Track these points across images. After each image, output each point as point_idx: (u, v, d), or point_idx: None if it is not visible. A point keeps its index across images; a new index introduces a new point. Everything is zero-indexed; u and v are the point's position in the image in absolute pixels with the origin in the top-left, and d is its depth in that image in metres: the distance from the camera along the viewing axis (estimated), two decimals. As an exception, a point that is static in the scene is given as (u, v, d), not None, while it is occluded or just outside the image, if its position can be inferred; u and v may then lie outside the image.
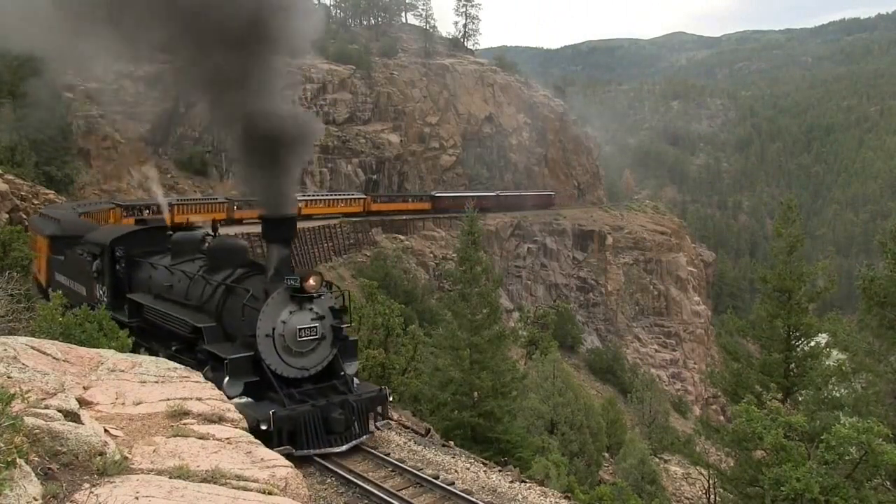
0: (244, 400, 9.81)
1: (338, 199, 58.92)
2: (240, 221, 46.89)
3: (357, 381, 11.33)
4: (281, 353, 10.19)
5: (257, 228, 16.46)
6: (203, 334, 10.82)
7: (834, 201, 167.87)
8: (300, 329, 10.29)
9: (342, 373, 10.99)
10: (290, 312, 10.27)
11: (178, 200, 44.79)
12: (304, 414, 9.81)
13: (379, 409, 11.09)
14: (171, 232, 15.35)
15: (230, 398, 8.41)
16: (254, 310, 10.13)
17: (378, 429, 11.14)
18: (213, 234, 14.74)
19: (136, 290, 14.20)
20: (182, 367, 6.99)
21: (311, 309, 10.45)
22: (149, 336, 12.98)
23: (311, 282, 10.28)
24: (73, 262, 17.32)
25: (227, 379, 9.81)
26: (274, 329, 10.10)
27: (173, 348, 11.90)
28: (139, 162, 53.97)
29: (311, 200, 56.24)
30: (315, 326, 10.47)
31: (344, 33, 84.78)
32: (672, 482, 35.04)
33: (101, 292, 15.05)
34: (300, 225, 55.85)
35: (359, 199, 60.46)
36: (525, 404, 24.52)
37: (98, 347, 7.64)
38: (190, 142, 63.91)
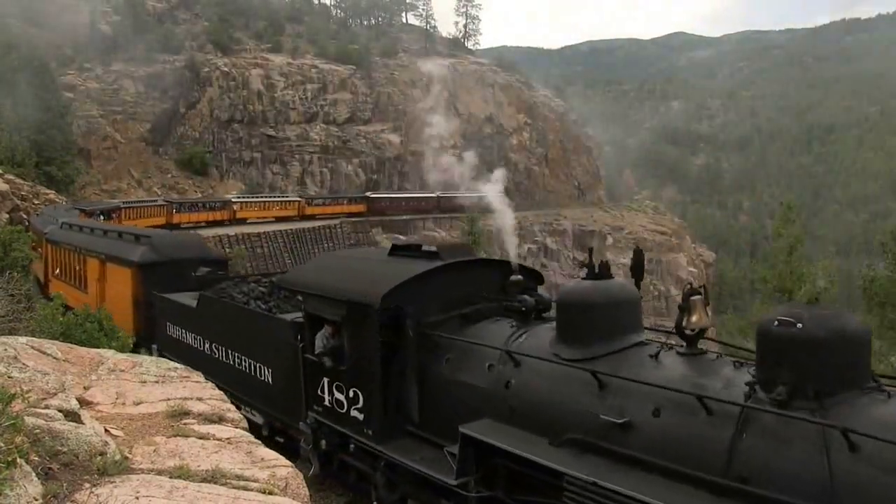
0: None
1: (272, 202, 56.91)
2: (177, 226, 43.30)
3: None
4: None
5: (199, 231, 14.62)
6: None
7: (834, 201, 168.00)
8: None
9: None
10: None
11: (123, 204, 42.57)
12: None
13: None
14: (518, 276, 8.14)
15: None
16: None
17: None
18: (593, 271, 6.69)
19: (443, 404, 7.11)
20: (182, 366, 6.88)
21: None
22: None
23: None
24: (228, 319, 10.13)
25: None
26: None
27: None
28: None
29: (246, 203, 54.25)
30: None
31: (344, 33, 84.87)
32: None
33: (338, 397, 7.79)
34: (299, 226, 54.71)
35: (293, 201, 58.63)
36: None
37: (98, 347, 7.65)
38: (190, 142, 64.06)
